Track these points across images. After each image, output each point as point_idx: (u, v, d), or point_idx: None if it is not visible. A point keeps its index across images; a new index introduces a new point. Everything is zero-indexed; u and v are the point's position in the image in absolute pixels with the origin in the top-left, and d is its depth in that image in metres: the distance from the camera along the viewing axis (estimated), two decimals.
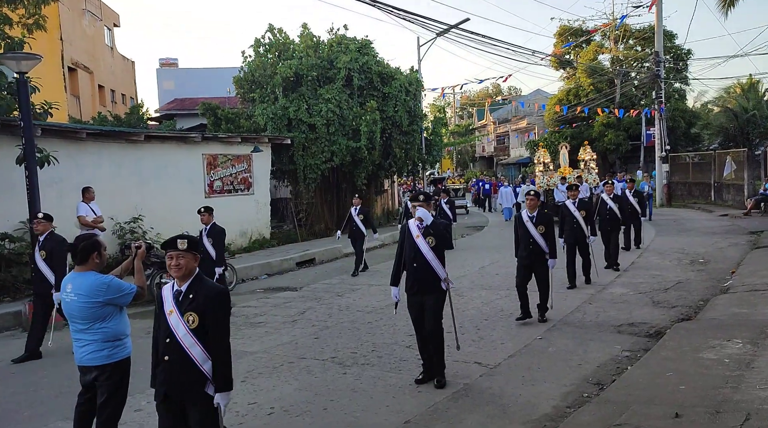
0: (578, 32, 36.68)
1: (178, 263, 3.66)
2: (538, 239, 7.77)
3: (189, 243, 3.69)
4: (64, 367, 6.27)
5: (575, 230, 9.92)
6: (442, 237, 5.77)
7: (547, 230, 7.80)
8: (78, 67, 25.09)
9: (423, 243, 5.71)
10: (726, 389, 4.96)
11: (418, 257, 5.72)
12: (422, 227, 5.75)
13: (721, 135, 29.11)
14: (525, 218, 7.90)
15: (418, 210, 5.81)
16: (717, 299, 8.57)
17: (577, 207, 9.95)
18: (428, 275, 5.72)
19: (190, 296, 3.67)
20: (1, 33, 9.84)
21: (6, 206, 10.56)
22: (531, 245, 7.79)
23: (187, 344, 3.60)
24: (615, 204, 11.70)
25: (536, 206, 7.89)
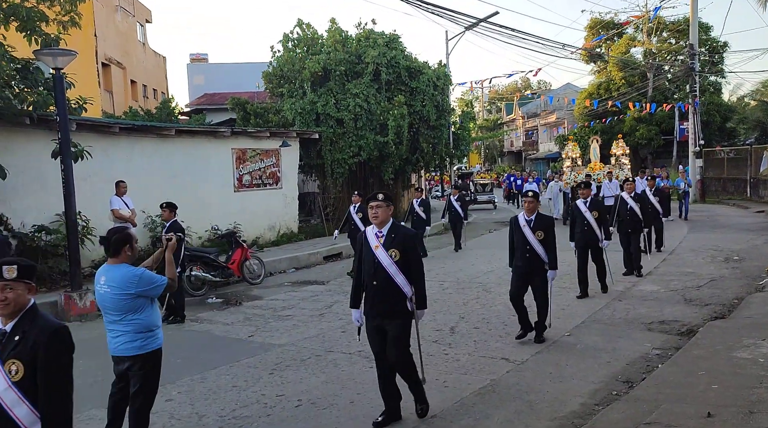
0: (610, 25, 36.08)
1: (4, 297, 2.82)
2: (536, 247, 6.79)
3: (19, 270, 2.87)
4: (99, 357, 6.42)
5: (586, 233, 9.04)
6: (409, 249, 4.82)
7: (547, 236, 6.81)
8: (111, 62, 25.55)
9: (384, 256, 4.74)
10: (760, 389, 4.86)
11: (378, 272, 4.76)
12: (382, 236, 4.81)
13: (758, 129, 28.40)
14: (522, 223, 6.91)
15: (373, 213, 4.81)
16: (752, 297, 8.38)
17: (588, 207, 9.09)
18: (390, 295, 4.74)
19: (15, 339, 2.84)
20: (37, 30, 10.05)
21: (42, 199, 10.83)
22: (528, 253, 6.82)
23: (8, 401, 2.79)
24: (636, 204, 10.60)
25: (534, 209, 6.90)
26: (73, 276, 9.13)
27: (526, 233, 6.84)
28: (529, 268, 6.86)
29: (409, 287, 4.78)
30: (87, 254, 10.49)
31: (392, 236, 4.80)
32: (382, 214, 4.81)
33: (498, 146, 64.50)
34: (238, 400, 5.53)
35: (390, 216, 4.88)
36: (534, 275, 6.88)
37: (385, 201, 4.85)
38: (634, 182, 11.36)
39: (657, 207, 12.76)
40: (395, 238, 4.79)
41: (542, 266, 6.85)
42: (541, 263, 6.84)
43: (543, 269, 6.87)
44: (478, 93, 68.93)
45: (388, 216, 4.85)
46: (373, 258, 4.80)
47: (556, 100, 44.53)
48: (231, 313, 9.22)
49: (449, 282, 10.79)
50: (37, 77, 10.05)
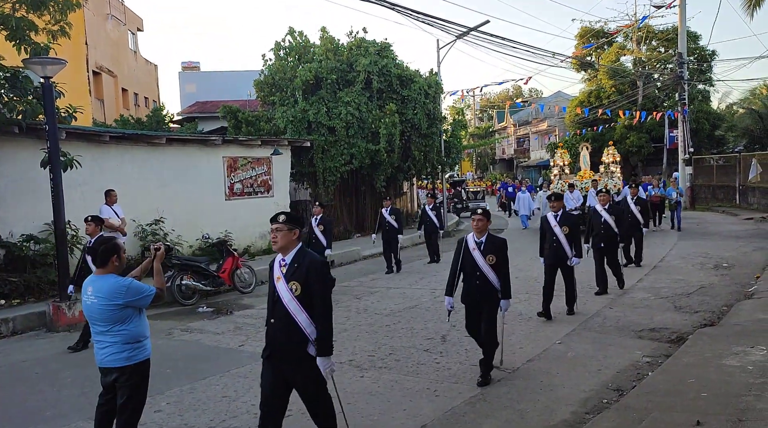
0: (600, 34, 36.37)
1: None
2: (487, 273, 5.94)
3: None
4: (87, 368, 6.37)
5: (555, 250, 8.22)
6: (313, 281, 4.03)
7: (499, 260, 5.96)
8: (102, 71, 25.50)
9: (285, 289, 4.05)
10: (749, 397, 4.88)
11: (277, 308, 4.09)
12: (285, 265, 4.11)
13: (747, 137, 28.61)
14: (471, 245, 6.03)
15: (278, 236, 4.10)
16: (741, 304, 8.42)
17: (559, 221, 8.22)
18: (290, 336, 4.03)
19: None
20: (27, 39, 10.02)
21: (31, 208, 10.76)
22: (478, 280, 5.97)
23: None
24: (611, 216, 9.78)
25: (485, 229, 6.05)
26: (61, 286, 9.05)
27: (476, 256, 5.96)
28: (479, 296, 5.99)
29: (312, 327, 4.04)
30: (76, 263, 10.41)
31: (296, 265, 4.08)
32: (283, 239, 4.08)
33: (490, 153, 64.72)
34: (228, 411, 5.49)
35: (296, 241, 4.15)
36: (483, 304, 6.00)
37: (287, 223, 4.10)
38: (608, 193, 10.32)
39: (638, 217, 12.22)
40: (299, 268, 4.07)
41: (494, 294, 5.99)
42: (492, 291, 5.97)
43: (495, 298, 6.00)
44: (470, 101, 69.27)
45: (291, 241, 4.11)
46: (273, 292, 4.15)
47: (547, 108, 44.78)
48: (221, 322, 9.17)
49: (441, 290, 10.75)
50: (26, 86, 10.00)
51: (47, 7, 10.29)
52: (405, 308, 9.44)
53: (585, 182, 18.03)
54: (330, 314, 4.10)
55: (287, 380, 4.09)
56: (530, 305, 8.96)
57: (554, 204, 8.36)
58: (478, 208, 6.19)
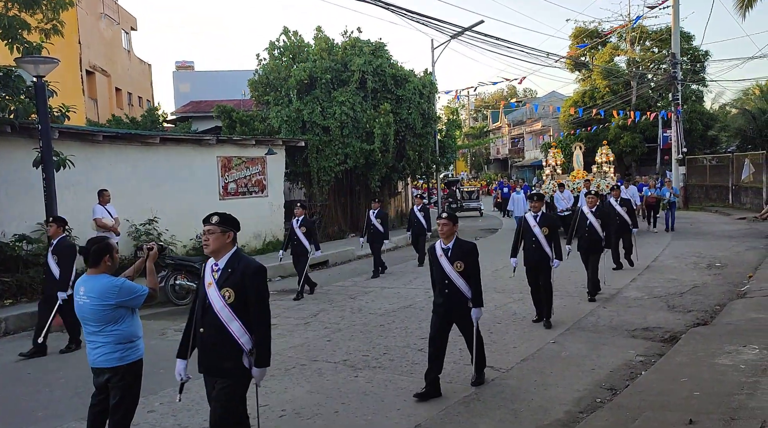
0: (594, 34, 36.48)
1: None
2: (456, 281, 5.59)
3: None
4: (80, 368, 6.34)
5: (534, 252, 7.92)
6: (249, 288, 3.76)
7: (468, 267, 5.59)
8: (96, 70, 25.40)
9: (216, 296, 3.76)
10: (741, 395, 4.90)
11: (208, 317, 3.80)
12: (218, 270, 3.83)
13: (739, 137, 28.75)
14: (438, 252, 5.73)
15: (210, 239, 3.85)
16: (734, 303, 8.47)
17: (539, 222, 7.93)
18: (221, 346, 3.76)
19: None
20: (19, 38, 9.96)
21: (24, 208, 10.71)
22: (447, 288, 5.63)
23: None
24: (597, 220, 9.42)
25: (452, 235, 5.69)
26: None
27: (443, 264, 5.62)
28: (449, 306, 5.62)
29: (247, 336, 3.77)
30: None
31: (229, 270, 3.79)
32: (215, 242, 3.81)
33: (484, 153, 64.83)
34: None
35: (231, 244, 3.89)
36: (455, 315, 5.67)
37: (220, 225, 3.85)
38: (596, 196, 9.95)
39: (625, 218, 11.98)
40: (232, 273, 3.78)
41: (465, 303, 5.63)
42: (463, 301, 5.61)
43: (466, 308, 5.64)
44: (464, 101, 69.36)
45: (225, 245, 3.85)
46: (203, 298, 3.84)
47: (542, 108, 44.86)
48: None
49: None
50: (18, 85, 9.96)
51: (40, 6, 10.25)
52: (399, 307, 9.44)
53: (577, 182, 17.61)
54: (268, 323, 3.85)
55: None
56: (524, 304, 8.98)
57: (535, 204, 8.07)
58: (444, 213, 5.83)
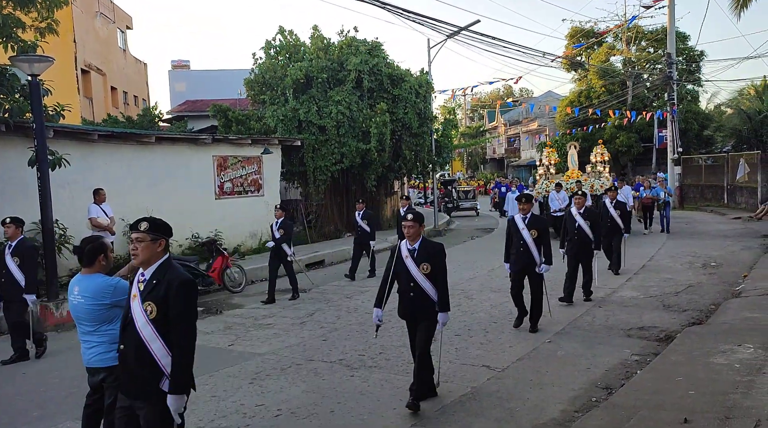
0: (590, 34, 36.55)
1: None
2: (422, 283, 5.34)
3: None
4: (74, 368, 6.32)
5: (522, 255, 7.58)
6: (173, 302, 3.37)
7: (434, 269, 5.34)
8: (91, 69, 25.31)
9: (139, 311, 3.40)
10: (736, 394, 4.91)
11: (128, 333, 3.47)
12: (144, 281, 3.49)
13: (735, 137, 28.84)
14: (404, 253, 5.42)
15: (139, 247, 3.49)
16: (729, 303, 8.49)
17: (527, 224, 7.58)
18: (141, 367, 3.40)
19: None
20: (14, 36, 9.92)
21: (19, 207, 10.61)
22: (412, 292, 5.39)
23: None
24: (586, 221, 9.09)
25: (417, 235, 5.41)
26: (49, 286, 8.98)
27: (408, 265, 5.35)
28: (413, 310, 5.41)
29: (164, 351, 3.39)
30: (64, 262, 10.34)
31: (154, 282, 3.43)
32: (145, 251, 3.45)
33: (480, 153, 64.86)
34: (217, 410, 5.47)
35: (162, 253, 3.50)
36: (420, 319, 5.39)
37: (150, 232, 3.47)
38: (584, 196, 9.58)
39: (618, 221, 11.46)
40: (157, 286, 3.41)
41: (430, 307, 5.34)
42: (428, 304, 5.35)
43: (431, 312, 5.34)
44: (460, 101, 69.39)
45: (155, 254, 3.48)
46: (126, 312, 3.52)
47: (538, 107, 44.95)
48: (211, 322, 9.13)
49: None
50: (13, 84, 9.92)
51: (35, 4, 10.20)
52: (395, 307, 9.37)
53: (570, 182, 17.19)
54: (192, 344, 3.44)
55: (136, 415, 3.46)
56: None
57: (523, 206, 7.60)
58: (409, 214, 5.47)
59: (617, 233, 11.47)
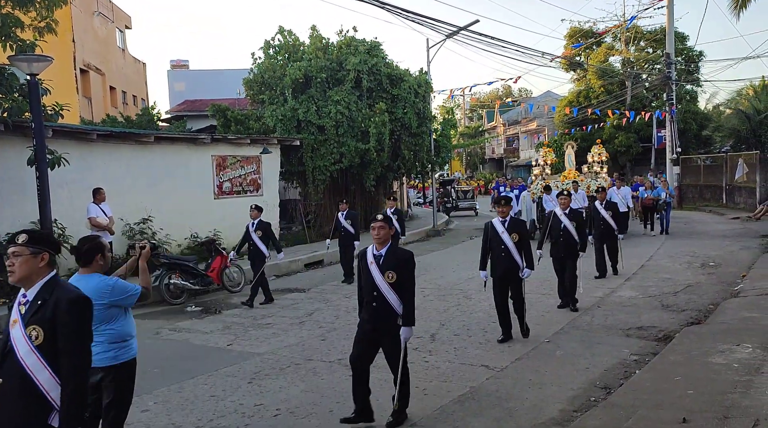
0: (589, 34, 36.56)
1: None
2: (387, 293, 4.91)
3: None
4: None
5: (503, 261, 7.19)
6: (64, 324, 2.92)
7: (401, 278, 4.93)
8: (90, 68, 25.29)
9: (21, 338, 2.95)
10: (735, 394, 4.92)
11: (8, 363, 2.98)
12: (26, 302, 3.05)
13: (733, 137, 28.88)
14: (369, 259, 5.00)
15: (15, 263, 3.04)
16: (727, 303, 8.50)
17: (507, 228, 7.21)
18: (25, 402, 2.92)
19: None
20: (12, 36, 9.92)
21: (18, 207, 10.65)
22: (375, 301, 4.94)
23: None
24: (572, 222, 8.71)
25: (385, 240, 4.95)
26: None
27: (373, 273, 4.91)
28: (375, 322, 4.93)
29: (53, 381, 2.92)
30: (63, 262, 10.29)
31: (39, 303, 2.98)
32: (22, 267, 3.02)
33: (479, 153, 64.86)
34: (216, 410, 5.47)
35: (45, 268, 3.07)
36: (382, 333, 4.94)
37: (30, 245, 3.04)
38: (569, 196, 9.15)
39: (610, 223, 11.10)
40: (42, 307, 2.97)
41: (394, 321, 4.91)
42: (392, 317, 4.90)
43: (394, 326, 4.90)
44: (459, 100, 69.37)
45: (36, 270, 3.04)
46: (5, 340, 3.03)
47: (537, 107, 44.93)
48: (210, 321, 9.13)
49: (430, 289, 10.80)
50: (12, 83, 9.92)
51: (33, 4, 10.20)
52: None
53: (566, 183, 16.64)
54: (86, 372, 3.00)
55: None
56: None
57: (502, 209, 7.30)
58: (378, 214, 5.10)
59: (611, 236, 11.13)
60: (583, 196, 15.88)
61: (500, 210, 7.33)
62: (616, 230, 11.18)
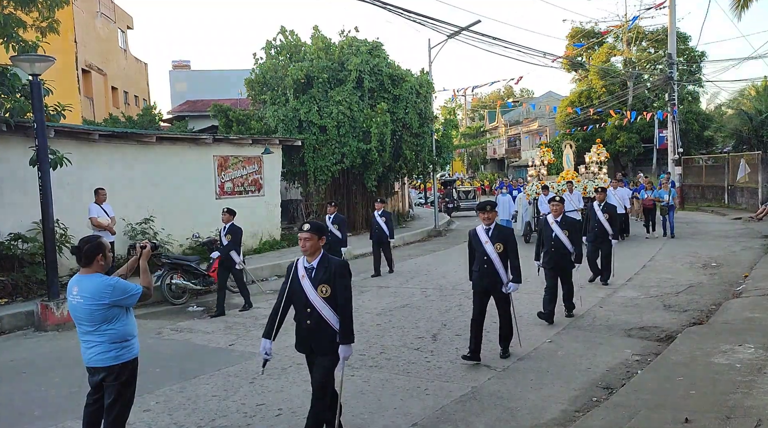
0: (590, 34, 36.56)
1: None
2: (322, 309, 4.43)
3: None
4: (75, 368, 6.32)
5: (486, 273, 6.55)
6: None
7: (334, 291, 4.43)
8: (92, 69, 25.32)
9: None
10: (737, 394, 4.91)
11: None
12: None
13: (735, 138, 28.85)
14: (300, 272, 4.56)
15: None
16: (729, 303, 8.48)
17: (491, 237, 6.54)
18: None
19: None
20: (15, 36, 9.94)
21: (19, 207, 10.67)
22: (309, 319, 4.47)
23: None
24: (564, 230, 8.07)
25: (315, 250, 4.52)
26: (50, 285, 8.98)
27: (305, 287, 4.47)
28: (310, 341, 4.50)
29: None
30: (65, 262, 10.34)
31: None
32: None
33: (481, 153, 64.84)
34: (217, 410, 5.47)
35: None
36: (317, 353, 4.50)
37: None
38: (561, 202, 8.37)
39: (605, 226, 10.42)
40: None
41: (331, 338, 4.42)
42: (329, 335, 4.43)
43: (332, 344, 4.42)
44: (461, 101, 69.34)
45: None
46: None
47: (538, 107, 44.90)
48: (212, 322, 9.12)
49: (432, 289, 10.80)
50: (14, 83, 9.94)
51: (35, 4, 10.22)
52: (396, 307, 9.44)
53: (561, 184, 16.16)
54: None
55: None
56: (520, 303, 8.97)
57: (486, 215, 6.54)
58: (305, 224, 4.61)
59: (605, 240, 10.42)
60: (579, 197, 15.45)
61: (483, 217, 6.58)
62: (611, 234, 10.45)
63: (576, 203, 15.01)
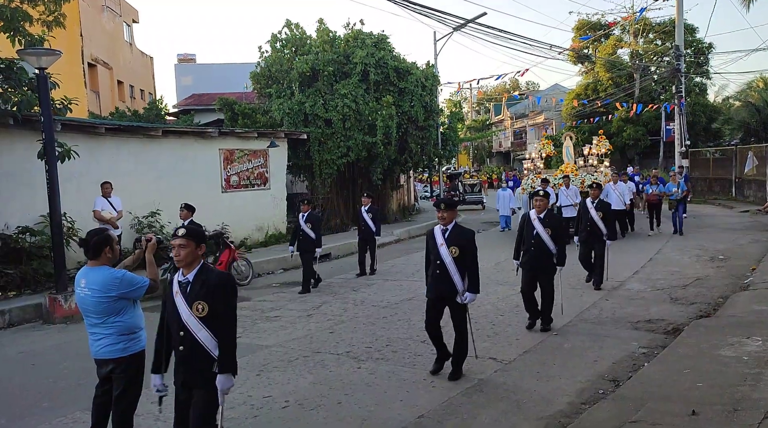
0: (597, 26, 36.34)
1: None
2: (194, 328, 3.74)
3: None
4: (83, 359, 6.36)
5: (439, 279, 5.80)
6: None
7: (212, 310, 3.74)
8: (97, 62, 25.36)
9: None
10: (744, 387, 4.90)
11: None
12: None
13: (743, 130, 28.66)
14: None
15: None
16: (737, 296, 8.46)
17: (447, 239, 5.83)
18: None
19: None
20: (21, 30, 9.95)
21: (27, 200, 10.72)
22: (181, 345, 3.78)
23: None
24: (546, 229, 7.28)
25: None
26: (58, 278, 9.04)
27: (179, 305, 3.82)
28: (185, 371, 3.83)
29: None
30: (72, 255, 10.38)
31: None
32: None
33: (486, 146, 64.69)
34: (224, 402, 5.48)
35: None
36: (193, 385, 3.83)
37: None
38: (546, 197, 7.71)
39: (598, 225, 9.61)
40: None
41: (207, 367, 3.75)
42: (205, 362, 3.75)
43: (208, 375, 3.75)
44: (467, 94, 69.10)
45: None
46: None
47: (544, 100, 44.68)
48: None
49: None
50: (21, 77, 9.96)
51: None
52: (402, 300, 9.45)
53: (558, 178, 15.36)
54: None
55: None
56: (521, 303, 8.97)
57: (442, 214, 5.83)
58: (180, 228, 3.90)
59: (599, 240, 9.59)
60: (576, 192, 14.73)
61: (439, 216, 5.86)
62: (605, 235, 9.63)
63: (573, 198, 14.43)
